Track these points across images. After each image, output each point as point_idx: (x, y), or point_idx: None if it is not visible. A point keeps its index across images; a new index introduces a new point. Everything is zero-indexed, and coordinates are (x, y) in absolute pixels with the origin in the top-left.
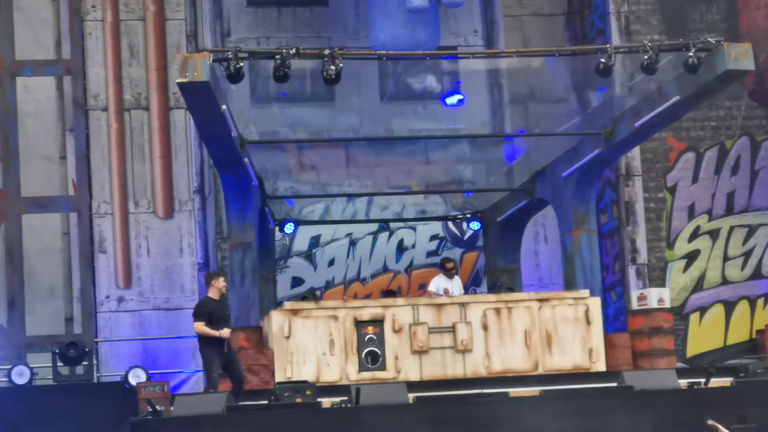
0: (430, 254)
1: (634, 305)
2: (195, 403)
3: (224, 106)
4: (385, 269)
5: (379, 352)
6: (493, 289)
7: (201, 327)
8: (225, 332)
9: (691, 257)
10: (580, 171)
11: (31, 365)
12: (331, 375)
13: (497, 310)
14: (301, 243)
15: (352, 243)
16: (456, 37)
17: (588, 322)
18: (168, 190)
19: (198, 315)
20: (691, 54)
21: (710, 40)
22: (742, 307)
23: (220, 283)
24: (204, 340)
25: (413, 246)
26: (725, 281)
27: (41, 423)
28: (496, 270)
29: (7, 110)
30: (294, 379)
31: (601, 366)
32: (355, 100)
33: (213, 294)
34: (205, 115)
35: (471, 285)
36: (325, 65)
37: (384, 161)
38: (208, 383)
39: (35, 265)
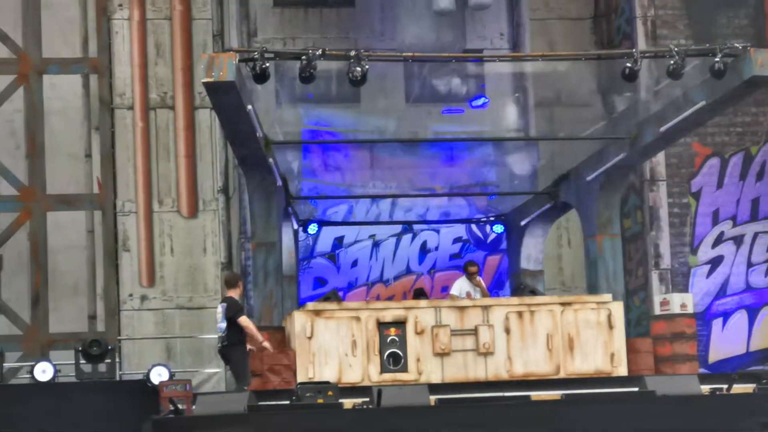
0: (453, 257)
1: (657, 310)
2: (217, 402)
3: (250, 106)
4: (408, 271)
5: (401, 353)
6: (516, 292)
7: (249, 321)
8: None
9: (715, 263)
10: (605, 175)
11: (54, 362)
12: (352, 376)
13: (520, 314)
14: (324, 244)
15: (376, 244)
16: (482, 40)
17: (610, 326)
18: (192, 190)
19: (241, 311)
20: (717, 59)
21: (737, 45)
22: (766, 314)
23: (241, 287)
24: (237, 338)
25: (436, 248)
26: (749, 287)
27: (63, 420)
28: (519, 273)
29: (34, 108)
30: (316, 379)
31: (622, 371)
32: (380, 101)
33: (236, 295)
34: (230, 114)
35: (494, 288)
36: (351, 66)
37: (408, 163)
38: (243, 381)
39: (59, 263)
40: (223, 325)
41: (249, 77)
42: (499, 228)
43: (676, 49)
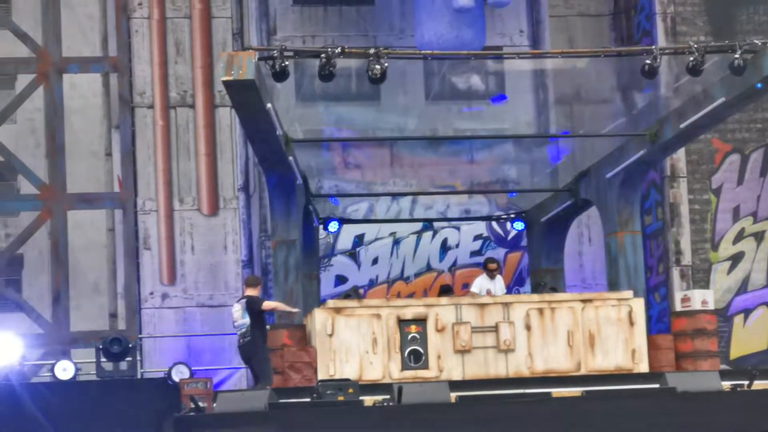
0: (473, 254)
1: (678, 307)
2: (237, 399)
3: (269, 105)
4: (429, 268)
5: (421, 350)
6: (536, 289)
7: (272, 302)
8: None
9: (736, 259)
10: (625, 172)
11: (75, 361)
12: (373, 373)
13: (540, 311)
14: (345, 241)
15: (396, 242)
16: (501, 37)
17: (631, 323)
18: (213, 188)
19: (262, 300)
20: (736, 56)
21: (756, 41)
22: None
23: (260, 289)
24: (261, 334)
25: (457, 245)
26: None
27: (84, 418)
28: (540, 270)
29: (54, 106)
30: (336, 377)
31: (643, 367)
32: (400, 99)
33: (257, 295)
34: (250, 113)
35: (514, 285)
36: (371, 64)
37: (429, 160)
38: (267, 379)
39: (80, 261)
40: (245, 320)
41: (268, 75)
42: (519, 225)
43: (695, 45)
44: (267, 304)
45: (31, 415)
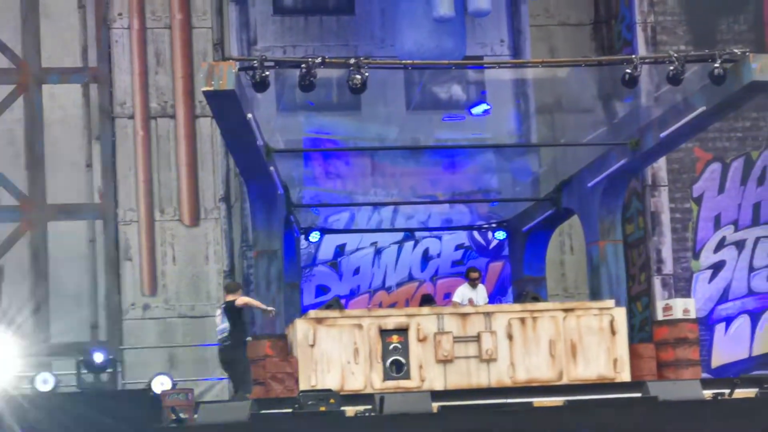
0: (455, 263)
1: (660, 315)
2: (219, 411)
3: (250, 115)
4: (411, 278)
5: (403, 360)
6: (518, 298)
7: (246, 297)
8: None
9: (717, 268)
10: (607, 181)
11: (56, 372)
12: (355, 383)
13: (522, 320)
14: (326, 251)
15: (378, 252)
16: (482, 47)
17: (613, 332)
18: (194, 198)
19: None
20: (716, 65)
21: (736, 51)
22: None
23: (240, 295)
24: (240, 340)
25: (438, 255)
26: (751, 292)
27: (65, 430)
28: (522, 279)
29: (34, 118)
30: (318, 387)
31: (625, 376)
32: (381, 108)
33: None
34: (230, 123)
35: (496, 295)
36: (351, 74)
37: (410, 170)
38: (246, 386)
39: (61, 273)
40: (225, 325)
41: (249, 85)
42: (501, 234)
43: (675, 55)
44: (240, 299)
45: (9, 428)
